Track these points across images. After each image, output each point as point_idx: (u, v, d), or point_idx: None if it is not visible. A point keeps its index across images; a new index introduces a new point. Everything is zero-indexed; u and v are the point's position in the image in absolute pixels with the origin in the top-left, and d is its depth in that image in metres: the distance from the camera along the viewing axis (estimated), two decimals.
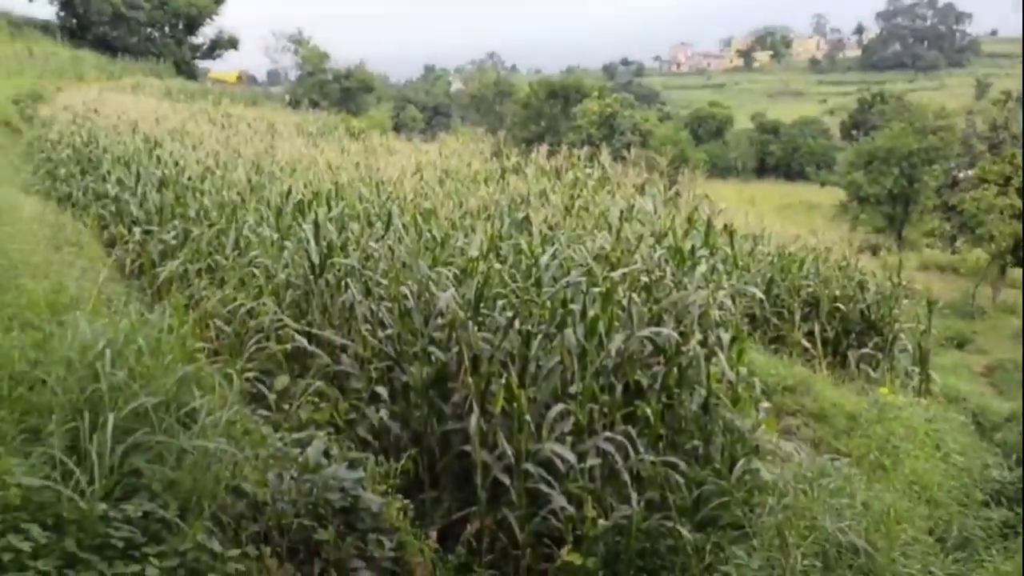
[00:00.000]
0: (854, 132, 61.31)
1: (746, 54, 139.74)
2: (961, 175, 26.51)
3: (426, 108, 72.38)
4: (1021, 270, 24.52)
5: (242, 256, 7.72)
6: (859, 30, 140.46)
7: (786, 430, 7.93)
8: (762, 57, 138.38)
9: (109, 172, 12.06)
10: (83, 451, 3.11)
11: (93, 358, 3.47)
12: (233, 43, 61.28)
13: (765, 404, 6.39)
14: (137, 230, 9.82)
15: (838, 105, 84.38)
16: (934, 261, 28.35)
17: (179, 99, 27.23)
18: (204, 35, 59.18)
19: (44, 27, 48.17)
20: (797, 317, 10.99)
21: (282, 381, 5.61)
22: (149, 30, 55.28)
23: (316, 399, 5.60)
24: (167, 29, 56.34)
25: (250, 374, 5.32)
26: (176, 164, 11.05)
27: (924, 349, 10.34)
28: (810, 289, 11.26)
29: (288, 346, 6.19)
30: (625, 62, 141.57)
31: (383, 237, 7.03)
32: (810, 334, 10.86)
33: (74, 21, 51.62)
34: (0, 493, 2.82)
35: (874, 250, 18.87)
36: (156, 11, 54.73)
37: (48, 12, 51.48)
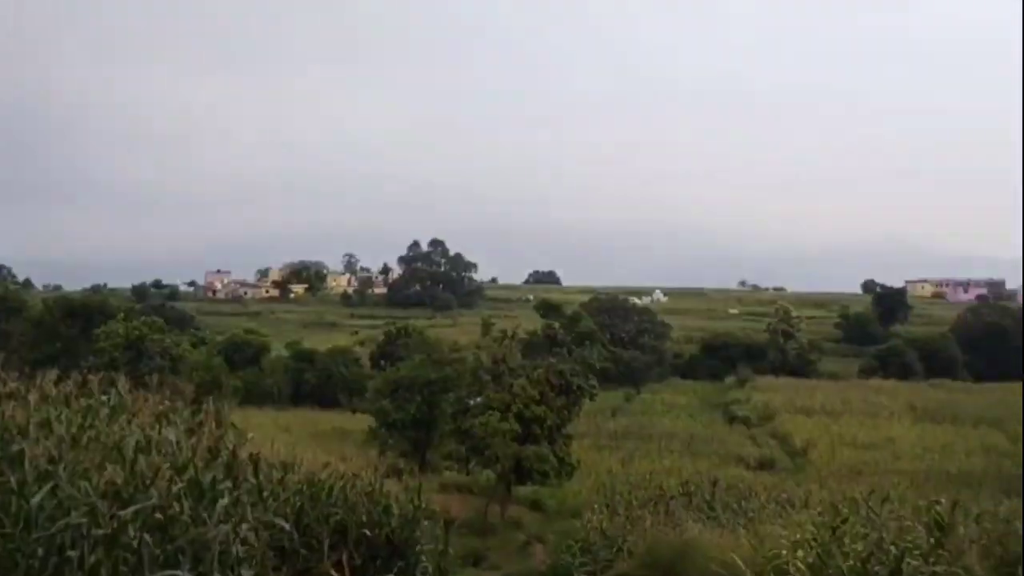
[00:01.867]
0: (382, 362, 65.67)
1: (282, 285, 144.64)
2: (471, 402, 29.71)
3: None
4: None
5: None
6: (385, 270, 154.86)
7: None
8: (297, 289, 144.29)
9: None
10: None
11: None
12: None
13: None
14: None
15: (368, 336, 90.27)
16: (452, 482, 30.72)
17: None
18: None
19: None
20: (326, 546, 10.92)
21: None
22: None
23: None
24: None
25: None
26: None
27: (443, 569, 10.94)
28: (338, 517, 11.34)
29: None
30: (158, 285, 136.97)
31: None
32: (339, 563, 10.82)
33: None
34: None
35: (399, 474, 19.87)
36: None
37: None
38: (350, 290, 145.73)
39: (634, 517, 17.61)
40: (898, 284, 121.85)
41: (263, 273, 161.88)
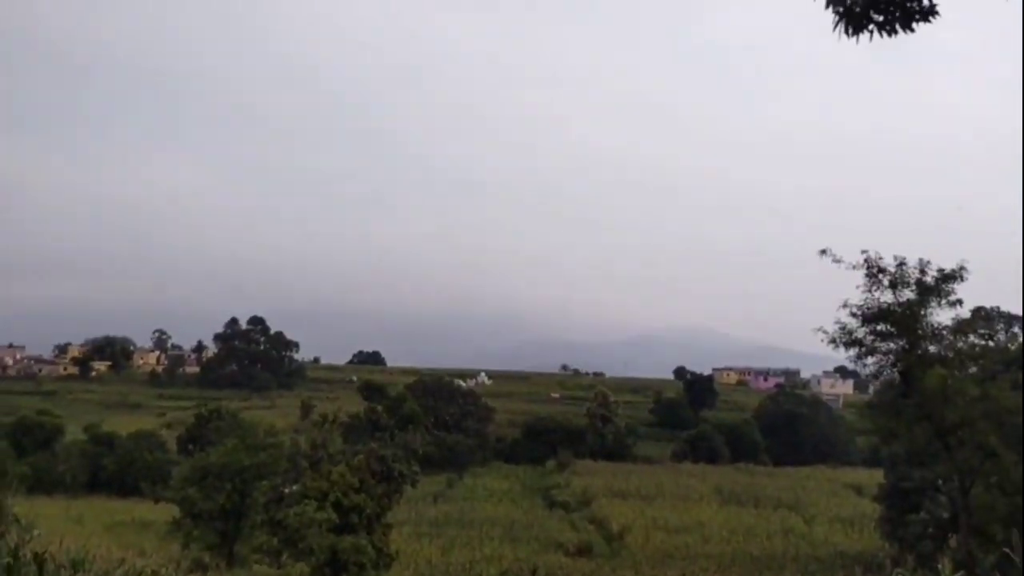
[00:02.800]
0: (191, 446, 61.85)
1: (83, 362, 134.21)
2: (287, 491, 28.35)
3: None
4: None
5: None
6: (199, 348, 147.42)
7: None
8: (100, 366, 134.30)
9: None
10: None
11: None
12: None
13: None
14: None
15: (176, 419, 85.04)
16: None
17: None
18: None
19: None
20: None
21: None
22: None
23: None
24: None
25: None
26: None
27: None
28: None
29: None
30: None
31: None
32: None
33: None
34: None
35: (204, 569, 18.61)
36: None
37: None
38: (159, 369, 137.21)
39: None
40: (706, 371, 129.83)
41: (61, 349, 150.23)
